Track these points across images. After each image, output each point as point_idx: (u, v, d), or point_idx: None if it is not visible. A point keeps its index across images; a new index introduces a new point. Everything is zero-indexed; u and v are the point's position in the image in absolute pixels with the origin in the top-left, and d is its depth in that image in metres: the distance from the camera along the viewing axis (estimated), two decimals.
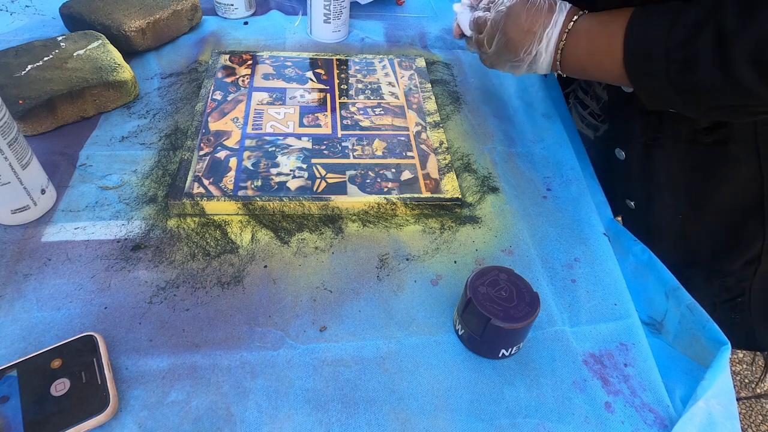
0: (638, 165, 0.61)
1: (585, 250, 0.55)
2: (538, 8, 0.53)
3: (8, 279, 0.48)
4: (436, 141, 0.65)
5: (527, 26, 0.53)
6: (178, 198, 0.54)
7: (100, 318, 0.45)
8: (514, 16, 0.54)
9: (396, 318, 0.48)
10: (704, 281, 0.65)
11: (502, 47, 0.56)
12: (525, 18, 0.53)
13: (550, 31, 0.52)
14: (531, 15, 0.53)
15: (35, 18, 0.83)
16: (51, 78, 0.63)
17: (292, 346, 0.45)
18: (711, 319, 0.47)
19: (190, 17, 0.82)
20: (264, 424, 0.40)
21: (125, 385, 0.41)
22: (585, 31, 0.50)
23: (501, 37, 0.55)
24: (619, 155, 0.63)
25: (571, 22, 0.51)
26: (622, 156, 0.62)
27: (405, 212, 0.57)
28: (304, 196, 0.56)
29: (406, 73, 0.77)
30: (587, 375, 0.45)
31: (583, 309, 0.50)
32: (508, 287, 0.44)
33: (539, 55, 0.53)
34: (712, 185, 0.57)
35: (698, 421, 0.40)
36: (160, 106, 0.68)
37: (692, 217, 0.61)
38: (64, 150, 0.61)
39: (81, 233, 0.52)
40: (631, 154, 0.62)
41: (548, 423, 0.42)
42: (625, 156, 0.62)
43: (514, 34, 0.54)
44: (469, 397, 0.43)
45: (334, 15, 0.81)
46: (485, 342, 0.44)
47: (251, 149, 0.61)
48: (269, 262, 0.51)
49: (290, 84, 0.72)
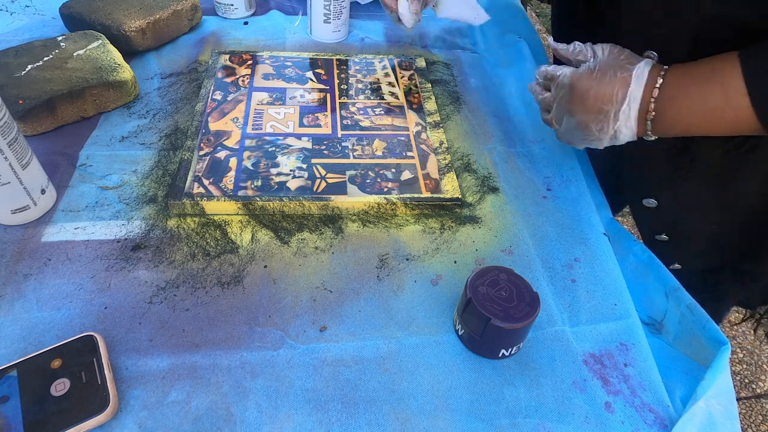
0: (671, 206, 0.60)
1: (585, 250, 0.55)
2: (607, 83, 0.46)
3: (8, 279, 0.48)
4: (436, 141, 0.65)
5: (596, 107, 0.47)
6: (178, 198, 0.54)
7: (100, 318, 0.45)
8: (579, 97, 0.48)
9: (396, 318, 0.48)
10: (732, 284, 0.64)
11: (572, 128, 0.51)
12: (593, 98, 0.47)
13: (626, 109, 0.46)
14: (599, 93, 0.47)
15: (35, 18, 0.83)
16: (51, 78, 0.63)
17: (292, 346, 0.45)
18: (711, 319, 0.47)
19: (190, 17, 0.82)
20: (264, 424, 0.40)
21: (125, 385, 0.41)
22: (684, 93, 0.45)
23: (569, 118, 0.50)
24: (648, 204, 0.61)
25: (656, 88, 0.45)
26: (654, 204, 0.61)
27: (405, 212, 0.57)
28: (304, 196, 0.56)
29: (406, 73, 0.77)
30: (587, 375, 0.45)
31: (583, 309, 0.50)
32: (508, 287, 0.44)
33: (619, 132, 0.48)
34: (742, 191, 0.56)
35: (698, 421, 0.40)
36: (160, 106, 0.68)
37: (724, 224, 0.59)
38: (64, 150, 0.61)
39: (81, 233, 0.52)
40: (661, 199, 0.60)
41: (548, 423, 0.42)
42: (657, 204, 0.60)
43: (582, 116, 0.48)
44: (469, 397, 0.43)
45: (334, 15, 0.81)
46: (485, 342, 0.44)
47: (251, 149, 0.61)
48: (269, 262, 0.51)
49: (290, 84, 0.72)
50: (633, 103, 0.46)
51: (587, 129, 0.49)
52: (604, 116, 0.47)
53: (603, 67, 0.47)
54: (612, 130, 0.48)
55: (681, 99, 0.45)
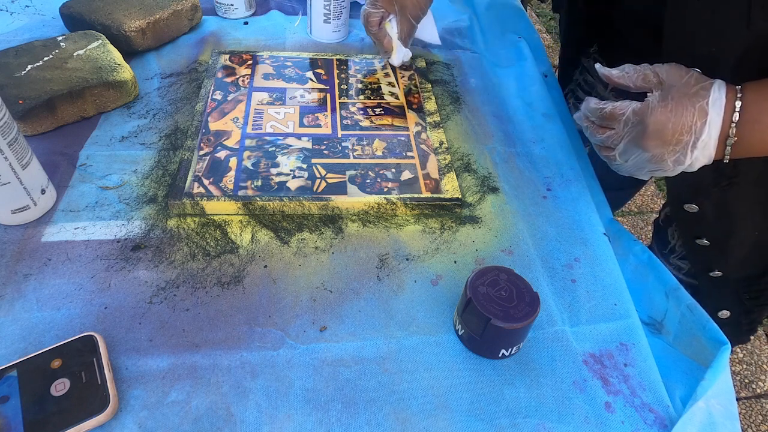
0: (714, 211, 0.58)
1: (585, 250, 0.55)
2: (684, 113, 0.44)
3: (8, 279, 0.48)
4: (436, 141, 0.65)
5: (674, 139, 0.45)
6: (178, 198, 0.54)
7: (100, 318, 0.45)
8: (656, 132, 0.45)
9: (396, 318, 0.48)
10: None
11: (643, 162, 0.48)
12: (671, 132, 0.45)
13: (706, 138, 0.44)
14: (676, 125, 0.44)
15: (35, 18, 0.83)
16: (51, 78, 0.63)
17: (292, 346, 0.45)
18: (711, 319, 0.47)
19: (190, 17, 0.82)
20: (264, 424, 0.40)
21: (125, 385, 0.41)
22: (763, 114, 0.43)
23: (641, 154, 0.48)
24: (690, 209, 0.59)
25: (735, 112, 0.44)
26: (695, 209, 0.59)
27: (405, 212, 0.57)
28: (304, 196, 0.56)
29: (406, 73, 0.77)
30: (587, 375, 0.45)
31: (583, 309, 0.50)
32: (508, 287, 0.44)
33: (696, 161, 0.46)
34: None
35: (698, 421, 0.40)
36: (160, 106, 0.68)
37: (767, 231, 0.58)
38: (64, 150, 0.61)
39: (81, 233, 0.52)
40: (704, 205, 0.58)
41: (548, 423, 0.42)
42: (698, 209, 0.59)
43: (659, 150, 0.46)
44: (469, 397, 0.43)
45: (334, 15, 0.81)
46: (485, 342, 0.44)
47: (251, 149, 0.61)
48: (269, 262, 0.51)
49: (290, 84, 0.72)
50: (713, 131, 0.44)
51: (662, 161, 0.47)
52: (683, 148, 0.45)
53: (676, 97, 0.45)
54: (690, 161, 0.46)
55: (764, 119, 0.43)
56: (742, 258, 0.62)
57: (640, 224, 1.69)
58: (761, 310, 0.70)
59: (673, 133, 0.45)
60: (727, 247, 0.62)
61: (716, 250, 0.62)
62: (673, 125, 0.45)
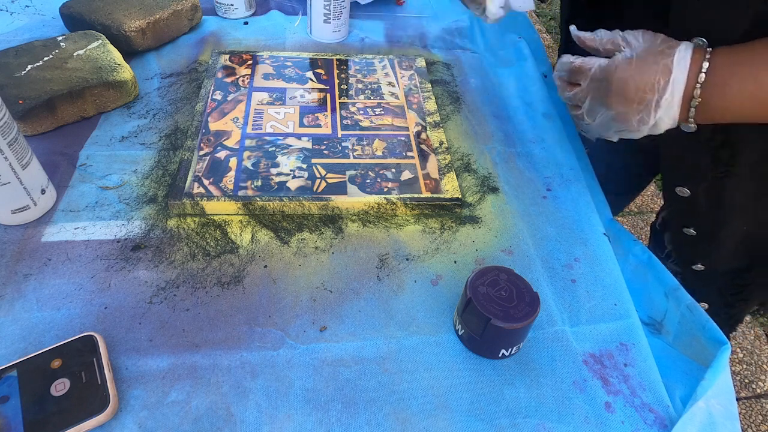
0: (706, 198, 0.57)
1: (585, 250, 0.55)
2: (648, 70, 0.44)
3: (8, 279, 0.48)
4: (436, 141, 0.65)
5: (637, 97, 0.45)
6: (178, 198, 0.54)
7: (100, 318, 0.45)
8: (619, 89, 0.45)
9: (396, 318, 0.48)
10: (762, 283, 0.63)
11: (608, 121, 0.48)
12: (633, 89, 0.44)
13: (669, 97, 0.44)
14: (640, 82, 0.44)
15: (35, 18, 0.83)
16: (51, 78, 0.63)
17: (292, 346, 0.45)
18: (711, 319, 0.47)
19: (190, 17, 0.82)
20: (264, 424, 0.40)
21: (125, 385, 0.41)
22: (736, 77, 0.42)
23: (606, 112, 0.48)
24: (682, 193, 0.58)
25: (702, 73, 0.43)
26: (687, 193, 0.58)
27: (405, 212, 0.57)
28: (304, 196, 0.56)
29: (406, 73, 0.77)
30: (587, 375, 0.45)
31: (583, 309, 0.50)
32: (508, 287, 0.44)
33: (660, 121, 0.45)
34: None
35: (698, 421, 0.40)
36: (160, 106, 0.68)
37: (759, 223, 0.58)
38: (64, 150, 0.61)
39: (81, 233, 0.52)
40: (697, 190, 0.57)
41: (548, 423, 0.42)
42: (690, 193, 0.58)
43: (622, 108, 0.46)
44: (469, 397, 0.43)
45: (334, 15, 0.81)
46: (485, 342, 0.44)
47: (251, 149, 0.61)
48: (269, 262, 0.51)
49: (290, 84, 0.72)
50: (676, 90, 0.43)
51: (626, 121, 0.47)
52: (645, 106, 0.45)
53: (641, 55, 0.45)
54: (653, 120, 0.45)
55: (732, 84, 0.42)
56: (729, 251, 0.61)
57: (640, 224, 1.69)
58: (743, 305, 0.69)
59: (636, 91, 0.44)
60: (714, 239, 0.61)
61: (702, 242, 0.62)
62: (635, 83, 0.44)
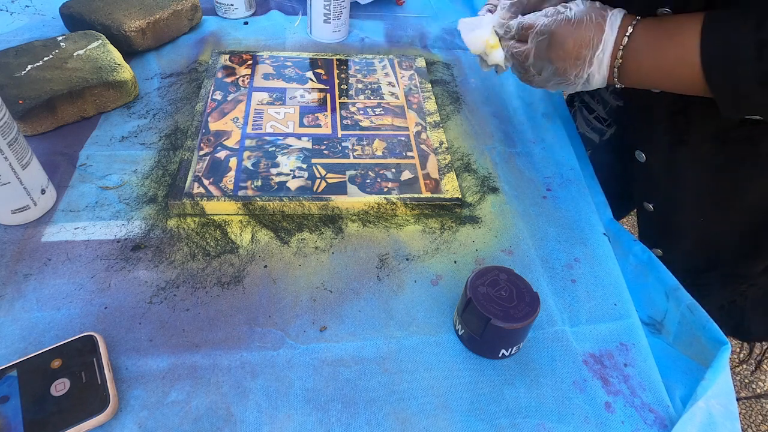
0: (660, 166, 0.59)
1: (585, 250, 0.55)
2: (584, 29, 0.48)
3: (8, 279, 0.48)
4: (436, 141, 0.65)
5: (575, 52, 0.48)
6: (178, 198, 0.54)
7: (100, 318, 0.45)
8: (559, 43, 0.49)
9: (396, 318, 0.48)
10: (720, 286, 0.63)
11: (550, 75, 0.52)
12: (572, 44, 0.48)
13: (600, 54, 0.48)
14: (578, 39, 0.48)
15: (35, 18, 0.83)
16: (51, 78, 0.63)
17: (292, 346, 0.45)
18: (711, 319, 0.47)
19: (190, 17, 0.82)
20: (264, 424, 0.40)
21: (125, 385, 0.41)
22: (647, 45, 0.46)
23: (548, 66, 0.51)
24: (639, 157, 0.61)
25: (625, 36, 0.47)
26: (643, 158, 0.60)
27: (405, 212, 0.57)
28: (304, 196, 0.56)
29: (406, 73, 0.77)
30: (587, 375, 0.45)
31: (583, 309, 0.50)
32: (508, 287, 0.44)
33: (592, 77, 0.50)
34: (738, 185, 0.55)
35: (698, 421, 0.40)
36: (160, 106, 0.68)
37: (715, 219, 0.59)
38: (64, 150, 0.61)
39: (81, 233, 0.52)
40: (652, 156, 0.60)
41: (548, 423, 0.42)
42: (646, 158, 0.60)
43: (562, 62, 0.50)
44: (469, 397, 0.43)
45: (334, 15, 0.81)
46: (485, 342, 0.44)
47: (251, 149, 0.61)
48: (269, 262, 0.51)
49: (290, 84, 0.72)
50: (606, 48, 0.48)
51: (565, 74, 0.51)
52: (582, 61, 0.49)
53: (580, 15, 0.49)
54: (586, 74, 0.49)
55: (643, 50, 0.47)
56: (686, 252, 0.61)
57: None
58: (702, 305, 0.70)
59: (574, 46, 0.48)
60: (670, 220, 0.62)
61: (661, 222, 0.63)
62: (574, 39, 0.48)
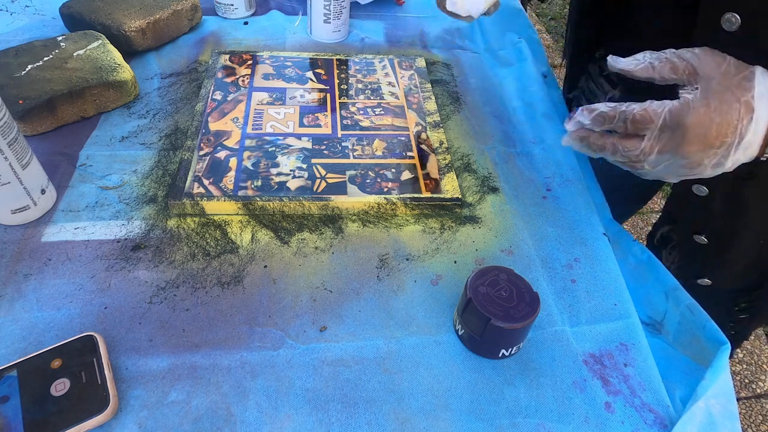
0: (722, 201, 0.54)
1: (585, 250, 0.55)
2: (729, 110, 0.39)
3: (8, 279, 0.48)
4: (436, 141, 0.65)
5: (718, 142, 0.40)
6: (178, 198, 0.54)
7: (100, 318, 0.45)
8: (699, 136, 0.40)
9: (396, 318, 0.48)
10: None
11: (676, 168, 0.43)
12: (714, 134, 0.39)
13: (751, 137, 0.39)
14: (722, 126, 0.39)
15: (35, 18, 0.83)
16: (51, 78, 0.63)
17: (292, 346, 0.45)
18: (711, 319, 0.47)
19: (190, 17, 0.82)
20: (264, 424, 0.40)
21: (125, 385, 0.41)
22: None
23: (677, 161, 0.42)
24: (698, 191, 0.54)
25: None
26: (704, 192, 0.54)
27: (405, 212, 0.57)
28: (304, 196, 0.56)
29: (406, 73, 0.77)
30: (587, 375, 0.45)
31: (583, 309, 0.50)
32: (508, 287, 0.44)
33: (736, 162, 0.41)
34: None
35: (698, 421, 0.40)
36: (160, 106, 0.68)
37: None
38: (64, 150, 0.61)
39: (81, 233, 0.52)
40: (715, 191, 0.53)
41: (548, 423, 0.42)
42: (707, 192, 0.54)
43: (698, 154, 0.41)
44: (469, 397, 0.43)
45: (334, 15, 0.81)
46: (485, 342, 0.44)
47: (251, 149, 0.61)
48: (269, 262, 0.51)
49: (290, 84, 0.72)
50: (759, 128, 0.39)
51: (700, 166, 0.42)
52: (725, 150, 0.40)
53: (718, 91, 0.39)
54: (731, 162, 0.41)
55: None
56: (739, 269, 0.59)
57: (640, 224, 1.69)
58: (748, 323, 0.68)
59: (717, 135, 0.39)
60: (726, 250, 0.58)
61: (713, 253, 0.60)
62: (717, 126, 0.39)
